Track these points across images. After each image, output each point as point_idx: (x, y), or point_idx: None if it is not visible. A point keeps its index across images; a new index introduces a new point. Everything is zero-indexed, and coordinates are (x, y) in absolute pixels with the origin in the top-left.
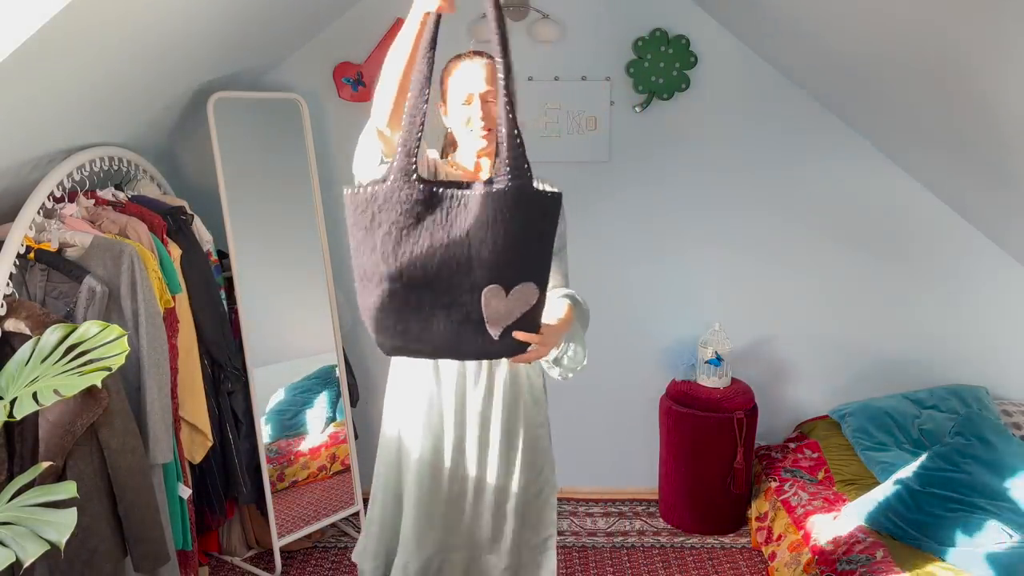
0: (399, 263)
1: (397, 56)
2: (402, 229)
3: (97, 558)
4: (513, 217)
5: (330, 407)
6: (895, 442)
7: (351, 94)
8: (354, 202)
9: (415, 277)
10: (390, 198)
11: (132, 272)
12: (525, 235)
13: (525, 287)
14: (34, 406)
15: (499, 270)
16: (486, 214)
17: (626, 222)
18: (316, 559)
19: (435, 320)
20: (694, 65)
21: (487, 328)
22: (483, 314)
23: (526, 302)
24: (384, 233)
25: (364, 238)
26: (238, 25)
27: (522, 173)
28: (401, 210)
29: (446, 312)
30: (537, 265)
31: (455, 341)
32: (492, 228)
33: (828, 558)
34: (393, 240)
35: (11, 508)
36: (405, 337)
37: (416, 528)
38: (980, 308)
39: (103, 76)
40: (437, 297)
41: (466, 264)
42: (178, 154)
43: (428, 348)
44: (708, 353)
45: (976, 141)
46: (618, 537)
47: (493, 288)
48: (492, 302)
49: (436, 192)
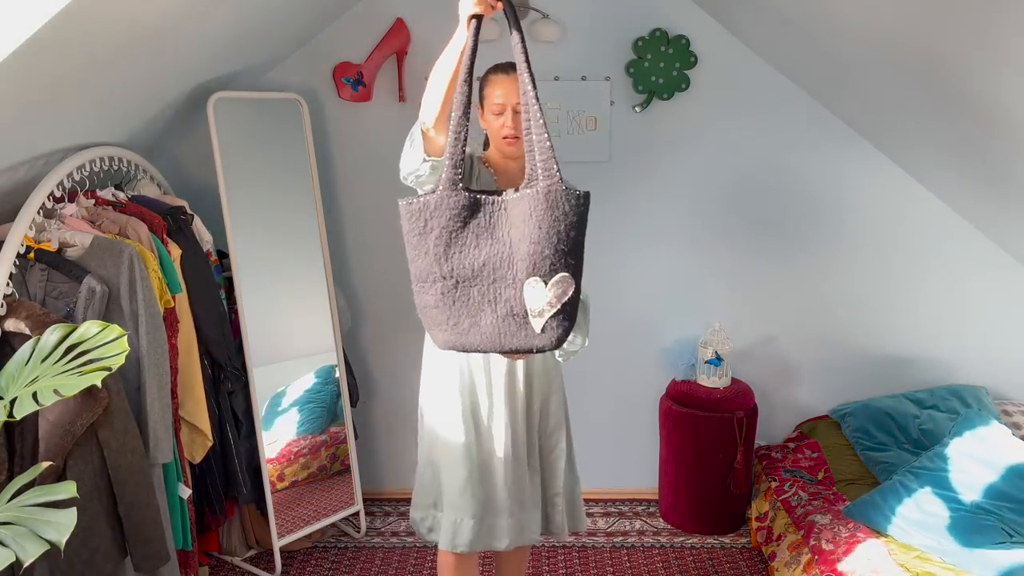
0: (450, 263)
1: (447, 62)
2: (451, 233)
3: (97, 558)
4: (545, 213)
5: (330, 407)
6: (895, 442)
7: (351, 94)
8: (408, 211)
9: (464, 275)
10: (440, 206)
11: (132, 272)
12: (557, 230)
13: (562, 278)
14: (34, 406)
15: (536, 263)
16: (522, 213)
17: (626, 222)
18: (316, 559)
19: (483, 315)
20: (694, 65)
21: (530, 320)
22: (525, 306)
23: (564, 292)
24: (436, 237)
25: (418, 243)
26: (238, 25)
27: (551, 174)
28: (450, 216)
29: (492, 307)
30: (571, 258)
31: (501, 334)
32: (527, 225)
33: (828, 558)
34: (444, 243)
35: (11, 508)
36: (456, 331)
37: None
38: (980, 308)
39: (103, 76)
40: (484, 293)
41: (508, 260)
42: (178, 154)
43: (477, 341)
44: (708, 353)
45: (976, 141)
46: (618, 537)
47: (533, 280)
48: (533, 294)
49: (479, 199)
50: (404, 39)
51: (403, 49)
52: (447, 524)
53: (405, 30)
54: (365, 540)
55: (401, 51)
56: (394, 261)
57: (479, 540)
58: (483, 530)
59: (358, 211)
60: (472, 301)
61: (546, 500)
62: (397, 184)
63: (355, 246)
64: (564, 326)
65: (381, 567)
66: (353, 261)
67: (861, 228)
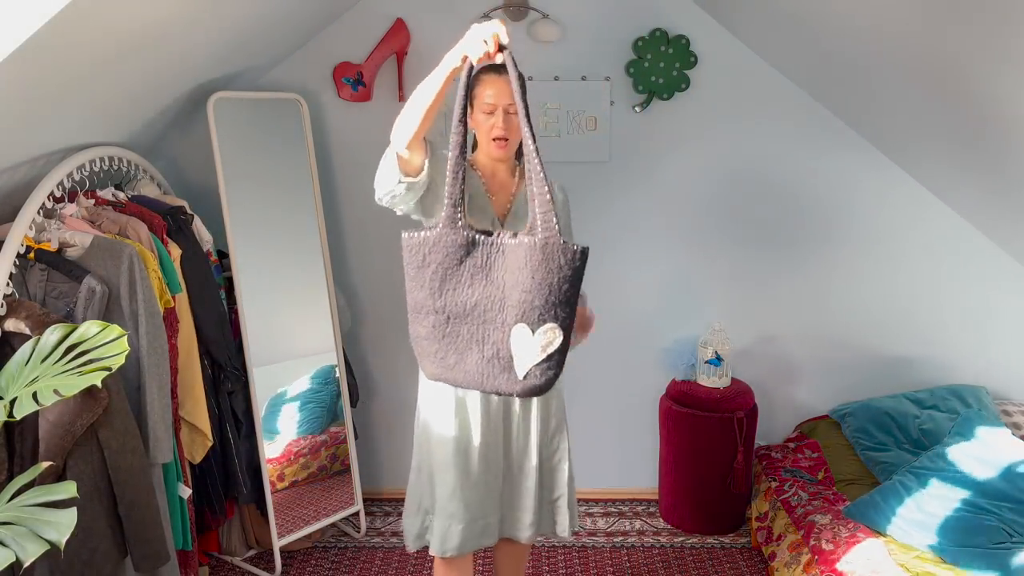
0: (443, 299)
1: (427, 91)
2: (447, 269)
3: (97, 558)
4: (540, 264)
5: (330, 407)
6: (895, 442)
7: (351, 94)
8: (409, 245)
9: (456, 312)
10: (438, 242)
11: (132, 272)
12: (550, 281)
13: (549, 328)
14: (34, 406)
15: (526, 311)
16: (518, 260)
17: (626, 222)
18: (316, 559)
19: (470, 353)
20: (694, 65)
21: (513, 365)
22: (510, 351)
23: (550, 342)
24: (432, 272)
25: (415, 275)
26: (238, 25)
27: (550, 227)
28: (447, 252)
29: (479, 347)
30: (562, 310)
31: (485, 375)
32: (522, 273)
33: (828, 558)
34: (439, 278)
35: (11, 508)
36: (443, 365)
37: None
38: (980, 308)
39: (103, 76)
40: (472, 332)
41: (499, 303)
42: (178, 154)
43: (461, 377)
44: (708, 353)
45: (976, 141)
46: (618, 537)
47: (520, 327)
48: (519, 340)
49: (477, 239)
50: (404, 39)
51: (403, 49)
52: (438, 529)
53: (405, 30)
54: (365, 540)
55: (401, 51)
56: (394, 261)
57: (468, 542)
58: (473, 532)
59: (358, 211)
60: (461, 338)
61: (548, 503)
62: None
63: (355, 246)
64: (548, 376)
65: (381, 567)
66: (353, 261)
67: (861, 228)
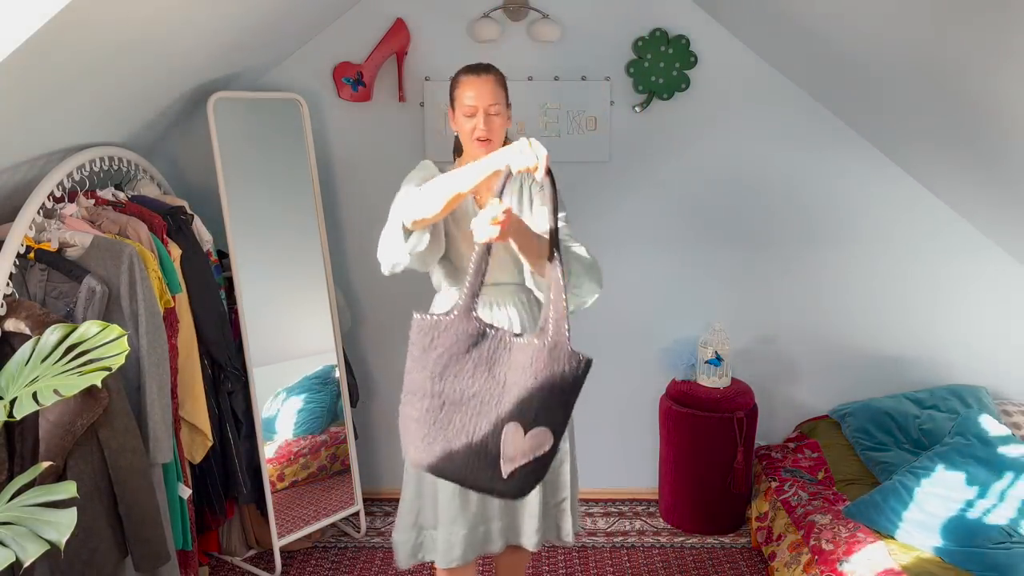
0: (443, 383)
1: (458, 185)
2: (452, 355)
3: (97, 558)
4: (545, 367)
5: (330, 407)
6: (895, 442)
7: (351, 94)
8: (420, 327)
9: (452, 399)
10: (449, 328)
11: (132, 272)
12: (551, 385)
13: (541, 432)
14: (34, 406)
15: (522, 411)
16: (524, 359)
17: (626, 222)
18: (316, 559)
19: (458, 442)
20: (694, 65)
21: (500, 463)
22: (500, 449)
23: (540, 445)
24: (437, 356)
25: (420, 357)
26: (238, 25)
27: (561, 333)
28: (456, 339)
29: (468, 440)
30: (557, 415)
31: (469, 468)
32: (525, 372)
33: (828, 558)
34: (443, 363)
35: (11, 508)
36: (429, 451)
37: (455, 500)
38: (980, 308)
39: (103, 76)
40: (465, 422)
41: (496, 398)
42: (178, 154)
43: (444, 467)
44: (708, 353)
45: (976, 141)
46: (618, 537)
47: (513, 425)
48: (510, 438)
49: (487, 331)
50: (404, 39)
51: (403, 49)
52: (441, 540)
53: (405, 30)
54: (365, 540)
55: (401, 51)
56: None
57: (471, 549)
58: (476, 538)
59: (358, 211)
60: (452, 426)
61: (552, 506)
62: (397, 184)
63: (355, 246)
64: (530, 480)
65: (381, 567)
66: (353, 261)
67: (861, 228)
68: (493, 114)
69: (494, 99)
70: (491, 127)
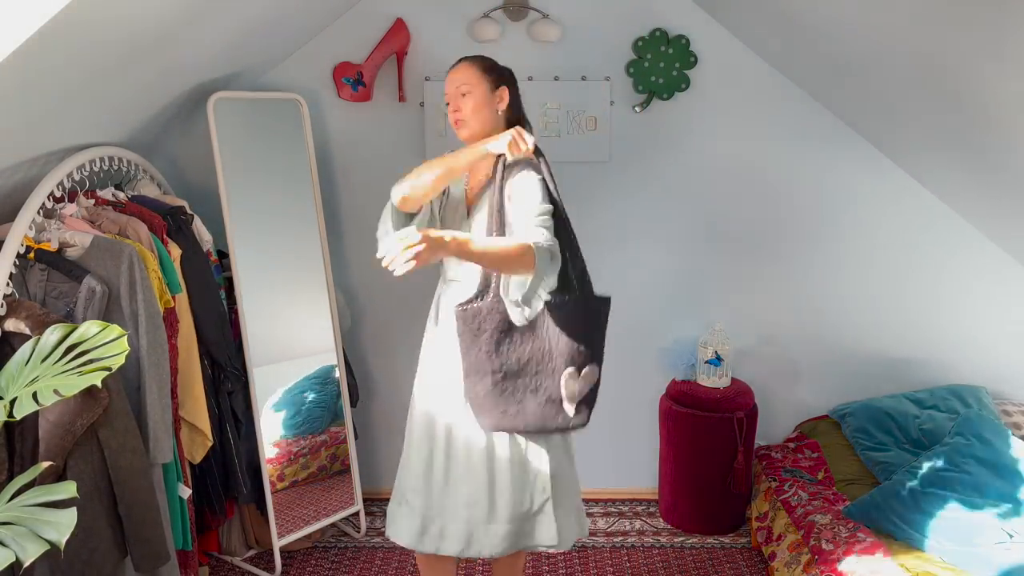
0: (500, 359)
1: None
2: (500, 332)
3: (97, 558)
4: (582, 317)
5: (330, 407)
6: (895, 442)
7: (351, 94)
8: (463, 316)
9: (511, 369)
10: (491, 311)
11: (132, 272)
12: (588, 330)
13: (591, 368)
14: (34, 406)
15: (572, 358)
16: (561, 316)
17: (626, 222)
18: (316, 559)
19: (526, 402)
20: (694, 65)
21: (564, 405)
22: (562, 394)
23: (592, 380)
24: (487, 337)
25: (472, 342)
26: (238, 25)
27: (585, 286)
28: (499, 319)
29: (534, 395)
30: (598, 351)
31: (543, 417)
32: (565, 327)
33: (828, 558)
34: (494, 341)
35: (11, 508)
36: (503, 416)
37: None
38: (980, 308)
39: (103, 76)
40: (527, 383)
41: (548, 355)
42: (178, 154)
43: (522, 423)
44: (708, 353)
45: (977, 142)
46: (618, 537)
47: (570, 371)
48: (569, 382)
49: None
50: (404, 39)
51: (403, 49)
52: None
53: (405, 30)
54: (365, 540)
55: (401, 51)
56: None
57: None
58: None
59: (358, 211)
60: (518, 391)
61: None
62: None
63: (355, 246)
64: (590, 410)
65: (381, 567)
66: (353, 261)
67: (861, 228)
68: (462, 94)
69: (464, 79)
70: (458, 105)
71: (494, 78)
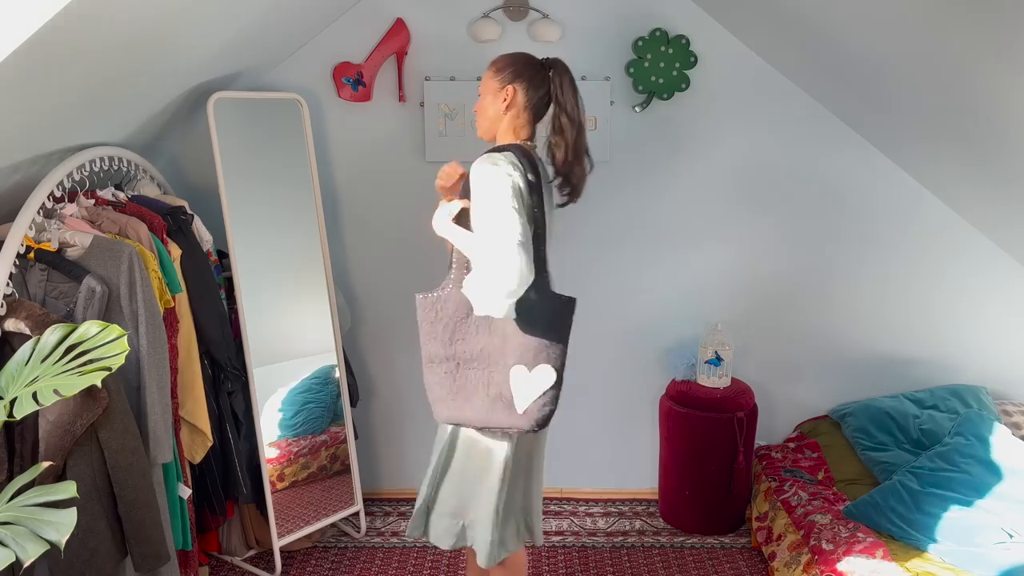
0: (454, 347)
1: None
2: (456, 322)
3: (97, 558)
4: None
5: (330, 407)
6: (895, 442)
7: (351, 94)
8: (423, 305)
9: (464, 359)
10: (448, 300)
11: (132, 272)
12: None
13: (543, 369)
14: (34, 406)
15: (522, 354)
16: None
17: (626, 222)
18: (316, 559)
19: (476, 396)
20: (694, 65)
21: (514, 403)
22: (511, 390)
23: (544, 381)
24: (443, 326)
25: (430, 330)
26: (238, 25)
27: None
28: (455, 308)
29: (484, 388)
30: (554, 352)
31: (490, 411)
32: (520, 323)
33: (828, 558)
34: (450, 331)
35: (11, 508)
36: (453, 407)
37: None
38: (980, 308)
39: (103, 76)
40: (479, 376)
41: (500, 349)
42: (178, 154)
43: (469, 415)
44: (708, 353)
45: (977, 141)
46: (618, 537)
47: (518, 368)
48: (517, 380)
49: None
50: (404, 39)
51: (403, 49)
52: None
53: (405, 30)
54: (365, 540)
55: (401, 51)
56: (394, 261)
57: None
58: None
59: (358, 211)
60: (468, 382)
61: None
62: (397, 184)
63: (355, 246)
64: (544, 412)
65: (381, 567)
66: (353, 261)
67: (861, 228)
68: (479, 94)
69: (483, 80)
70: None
71: (502, 77)
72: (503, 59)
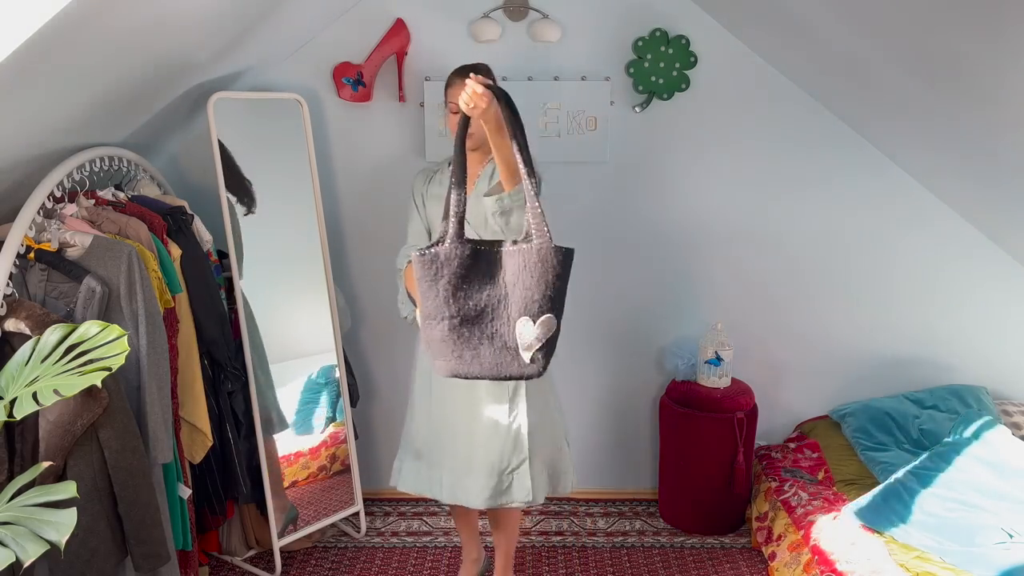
0: (456, 304)
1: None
2: (458, 278)
3: (97, 558)
4: (536, 266)
5: (330, 407)
6: (895, 442)
7: (351, 94)
8: (422, 261)
9: (467, 315)
10: (448, 256)
11: (132, 272)
12: (546, 279)
13: (547, 318)
14: (34, 406)
15: (527, 305)
16: (517, 264)
17: (626, 222)
18: (316, 559)
19: (482, 348)
20: (694, 65)
21: (520, 352)
22: (516, 341)
23: (548, 329)
24: (445, 282)
25: (429, 288)
26: (238, 25)
27: (543, 234)
28: (456, 264)
29: (490, 341)
30: (556, 302)
31: (498, 364)
32: (522, 274)
33: (828, 558)
34: (452, 287)
35: (11, 508)
36: (459, 362)
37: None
38: (980, 308)
39: (103, 76)
40: (483, 330)
41: (504, 301)
42: (178, 154)
43: (477, 369)
44: (708, 353)
45: (977, 141)
46: (618, 537)
47: (524, 319)
48: (523, 330)
49: (480, 250)
50: (404, 39)
51: (403, 49)
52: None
53: (405, 30)
54: (365, 540)
55: (401, 51)
56: (394, 261)
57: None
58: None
59: (358, 211)
60: (474, 336)
61: (506, 471)
62: (397, 184)
63: (355, 246)
64: (548, 358)
65: (381, 567)
66: (353, 261)
67: (860, 228)
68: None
69: None
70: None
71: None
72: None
